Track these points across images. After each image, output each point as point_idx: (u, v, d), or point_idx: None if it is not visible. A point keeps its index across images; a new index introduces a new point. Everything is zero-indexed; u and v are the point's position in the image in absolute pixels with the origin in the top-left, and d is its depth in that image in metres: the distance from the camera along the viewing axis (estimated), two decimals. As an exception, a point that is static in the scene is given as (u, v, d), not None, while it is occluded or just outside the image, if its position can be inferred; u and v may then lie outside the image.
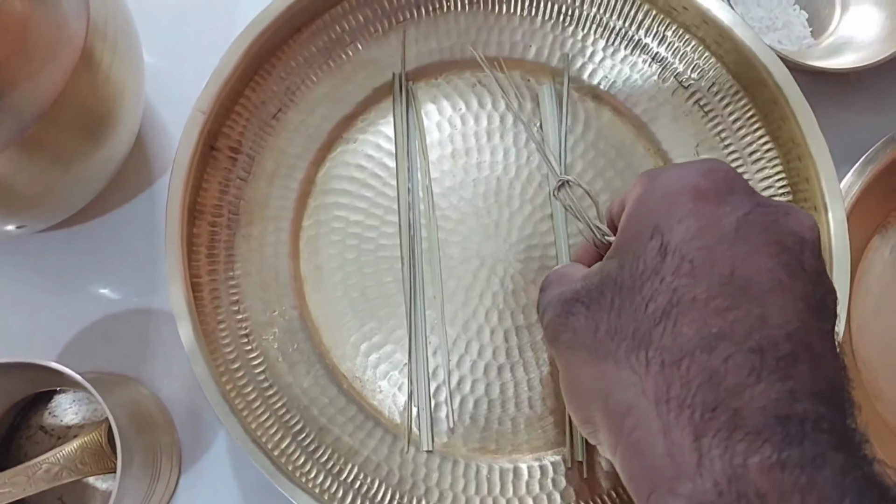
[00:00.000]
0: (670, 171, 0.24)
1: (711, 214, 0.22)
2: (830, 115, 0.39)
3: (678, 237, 0.22)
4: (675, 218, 0.22)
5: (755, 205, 0.22)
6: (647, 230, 0.23)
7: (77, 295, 0.42)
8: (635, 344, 0.21)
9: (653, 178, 0.25)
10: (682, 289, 0.21)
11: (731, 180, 0.23)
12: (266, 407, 0.37)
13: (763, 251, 0.21)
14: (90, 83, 0.32)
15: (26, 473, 0.34)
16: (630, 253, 0.23)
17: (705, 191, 0.23)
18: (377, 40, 0.41)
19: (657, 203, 0.23)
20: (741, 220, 0.22)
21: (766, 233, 0.22)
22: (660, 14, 0.41)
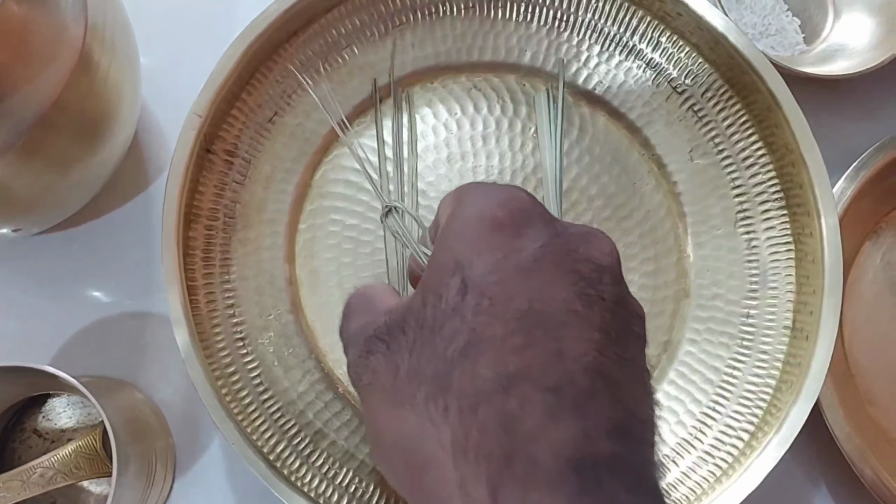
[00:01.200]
0: (473, 195, 0.23)
1: (508, 247, 0.21)
2: (823, 121, 0.40)
3: (477, 272, 0.21)
4: (475, 251, 0.21)
5: (553, 235, 0.22)
6: (449, 265, 0.21)
7: (72, 298, 0.42)
8: (434, 389, 0.20)
9: (459, 201, 0.23)
10: (480, 327, 0.20)
11: (528, 210, 0.22)
12: (261, 411, 0.37)
13: (559, 282, 0.20)
14: (88, 86, 0.32)
15: (21, 478, 0.34)
16: (433, 289, 0.21)
17: (502, 222, 0.22)
18: (373, 44, 0.41)
19: (458, 233, 0.22)
20: (538, 252, 0.21)
21: (562, 263, 0.21)
22: (654, 20, 0.41)
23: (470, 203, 0.23)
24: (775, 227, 0.40)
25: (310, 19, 0.40)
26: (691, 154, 0.41)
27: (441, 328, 0.20)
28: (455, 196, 0.24)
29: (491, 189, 0.23)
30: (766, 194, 0.40)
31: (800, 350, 0.37)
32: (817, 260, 0.37)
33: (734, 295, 0.40)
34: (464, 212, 0.23)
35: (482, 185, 0.24)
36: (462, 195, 0.24)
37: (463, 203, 0.23)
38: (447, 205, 0.24)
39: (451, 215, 0.23)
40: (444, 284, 0.21)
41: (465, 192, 0.24)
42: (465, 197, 0.23)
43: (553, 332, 0.19)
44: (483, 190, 0.23)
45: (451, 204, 0.24)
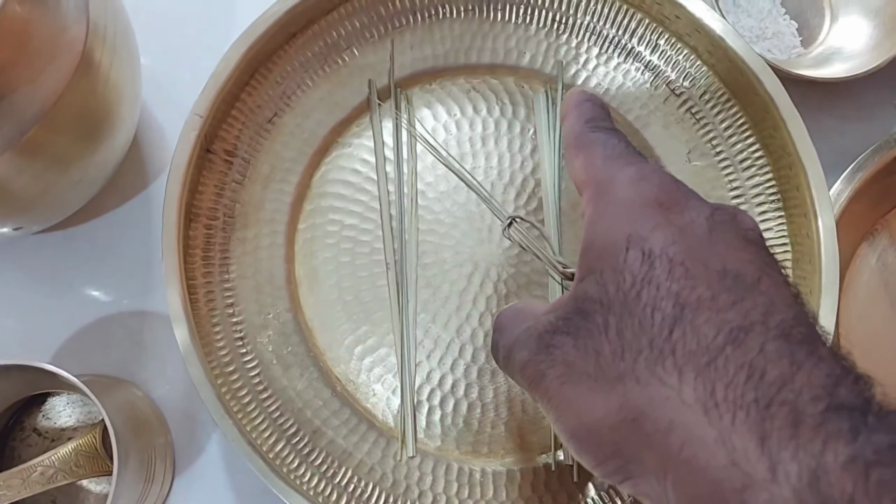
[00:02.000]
0: (618, 187, 0.24)
1: (679, 220, 0.22)
2: (820, 123, 0.40)
3: (659, 244, 0.21)
4: (647, 227, 0.22)
5: (713, 209, 0.23)
6: (618, 244, 0.22)
7: (71, 297, 0.42)
8: (655, 355, 0.20)
9: (601, 196, 0.24)
10: (684, 292, 0.20)
11: (681, 188, 0.24)
12: (260, 409, 0.37)
13: (738, 247, 0.22)
14: (89, 86, 0.32)
15: (21, 476, 0.34)
16: (606, 270, 0.22)
17: (663, 200, 0.23)
18: (372, 46, 0.42)
19: (619, 217, 0.23)
20: (710, 222, 0.22)
21: (732, 230, 0.22)
22: (652, 23, 0.42)
23: (622, 187, 0.24)
24: (772, 228, 0.40)
25: (309, 21, 0.40)
26: (689, 156, 0.41)
27: (637, 300, 0.21)
28: (594, 195, 0.25)
29: (637, 171, 0.24)
30: (763, 196, 0.40)
31: (796, 351, 0.37)
32: (814, 261, 0.38)
33: (731, 296, 0.40)
34: (617, 195, 0.24)
35: (625, 169, 0.24)
36: (600, 192, 0.24)
37: (612, 188, 0.24)
38: (587, 196, 0.25)
39: (598, 208, 0.24)
40: (620, 260, 0.22)
41: (603, 189, 0.24)
42: (606, 192, 0.24)
43: (755, 288, 0.20)
44: (629, 174, 0.24)
45: (588, 204, 0.24)
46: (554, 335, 0.23)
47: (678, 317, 0.20)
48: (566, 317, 0.23)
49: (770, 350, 0.19)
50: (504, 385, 0.39)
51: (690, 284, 0.20)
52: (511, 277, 0.40)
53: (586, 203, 0.25)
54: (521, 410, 0.39)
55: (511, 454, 0.38)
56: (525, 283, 0.40)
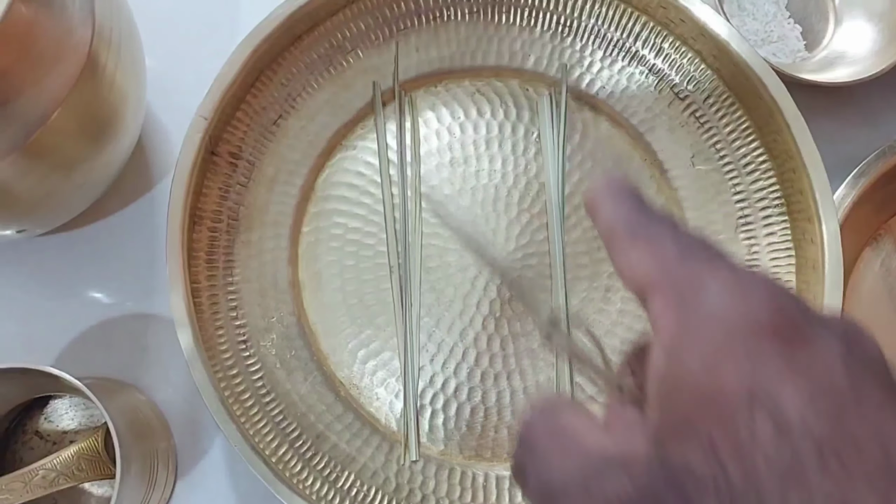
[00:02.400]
0: (712, 297, 0.18)
1: (811, 365, 0.17)
2: (824, 127, 0.40)
3: (796, 409, 0.16)
4: (773, 377, 0.16)
5: (842, 338, 0.17)
6: (734, 398, 0.16)
7: (74, 300, 0.42)
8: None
9: (687, 307, 0.18)
10: (849, 499, 0.15)
11: (799, 303, 0.18)
12: (263, 413, 0.37)
13: (884, 405, 0.17)
14: (94, 89, 0.32)
15: (23, 479, 0.34)
16: (718, 436, 0.16)
17: (785, 327, 0.17)
18: (377, 48, 0.42)
19: (724, 349, 0.17)
20: (846, 365, 0.17)
21: (870, 373, 0.17)
22: (657, 26, 0.42)
23: (718, 297, 0.18)
24: (776, 232, 0.40)
25: (314, 23, 0.40)
26: (693, 160, 0.41)
27: (780, 499, 0.16)
28: (674, 302, 0.18)
29: (734, 276, 0.18)
30: (767, 200, 0.40)
31: (800, 355, 0.37)
32: (818, 266, 0.38)
33: (735, 300, 0.40)
34: (713, 310, 0.18)
35: (716, 272, 0.18)
36: (687, 285, 0.18)
37: (702, 297, 0.18)
38: (659, 318, 0.19)
39: (684, 315, 0.18)
40: (740, 429, 0.16)
41: (692, 282, 0.18)
42: (699, 289, 0.18)
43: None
44: (725, 279, 0.18)
45: (667, 315, 0.18)
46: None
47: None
48: (653, 491, 0.17)
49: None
50: (507, 389, 0.39)
51: (853, 486, 0.15)
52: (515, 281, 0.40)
53: (660, 312, 0.19)
54: (525, 414, 0.39)
55: (515, 458, 0.38)
56: (528, 288, 0.40)
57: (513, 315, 0.40)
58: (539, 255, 0.40)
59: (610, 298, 0.40)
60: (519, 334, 0.39)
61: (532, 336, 0.39)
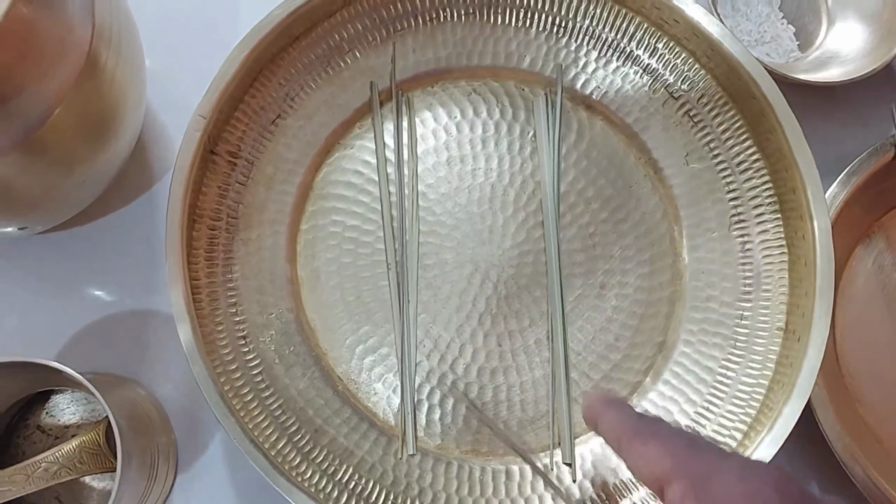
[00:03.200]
0: (726, 483, 0.20)
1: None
2: (816, 127, 0.40)
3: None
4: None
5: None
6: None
7: (75, 297, 0.42)
8: None
9: (704, 492, 0.20)
10: None
11: (801, 491, 0.20)
12: (263, 408, 0.37)
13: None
14: (94, 88, 0.32)
15: (25, 472, 0.34)
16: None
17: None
18: (375, 49, 0.42)
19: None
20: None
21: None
22: (651, 27, 0.42)
23: (730, 483, 0.20)
24: (769, 230, 0.41)
25: (312, 24, 0.41)
26: (687, 158, 0.42)
27: None
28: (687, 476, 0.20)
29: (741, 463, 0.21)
30: (760, 198, 0.41)
31: (792, 351, 0.38)
32: (810, 263, 0.38)
33: (728, 297, 0.40)
34: (727, 494, 0.20)
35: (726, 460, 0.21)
36: (702, 474, 0.20)
37: (715, 483, 0.20)
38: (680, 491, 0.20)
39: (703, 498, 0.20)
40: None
41: (706, 471, 0.20)
42: (712, 476, 0.20)
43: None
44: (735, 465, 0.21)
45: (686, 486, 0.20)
46: None
47: None
48: None
49: None
50: (504, 384, 0.39)
51: None
52: (511, 278, 0.40)
53: (680, 499, 0.21)
54: (521, 409, 0.39)
55: (510, 453, 0.38)
56: (525, 284, 0.40)
57: (509, 312, 0.40)
58: (535, 252, 0.41)
59: (605, 295, 0.41)
60: (515, 331, 0.40)
61: (528, 332, 0.40)
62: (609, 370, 0.40)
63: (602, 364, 0.40)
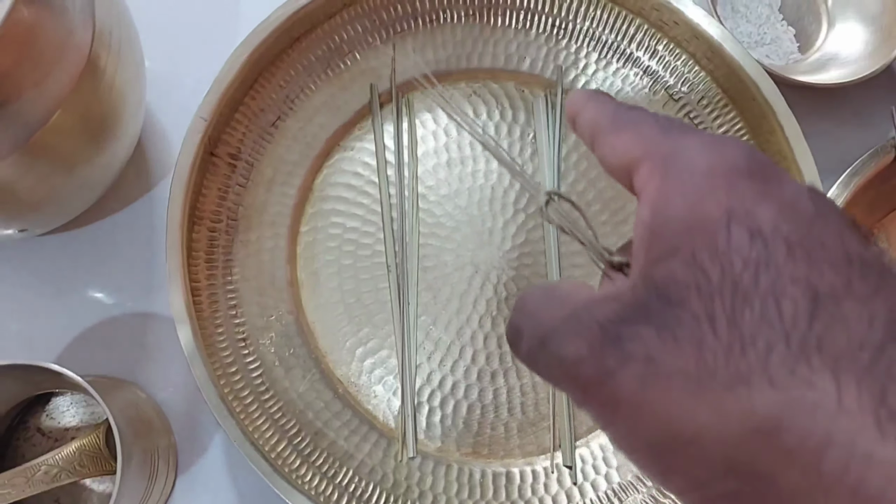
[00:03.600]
0: (693, 155, 0.20)
1: (780, 194, 0.19)
2: (816, 128, 0.40)
3: (769, 220, 0.18)
4: (749, 200, 0.18)
5: (806, 185, 0.20)
6: (713, 219, 0.18)
7: (75, 298, 0.42)
8: (794, 351, 0.16)
9: (671, 166, 0.20)
10: (813, 276, 0.17)
11: (766, 159, 0.20)
12: (262, 411, 0.37)
13: (847, 226, 0.19)
14: (94, 90, 0.32)
15: (25, 475, 0.34)
16: (700, 250, 0.18)
17: (758, 171, 0.19)
18: (375, 50, 0.42)
19: (704, 188, 0.19)
20: (812, 200, 0.19)
21: (833, 211, 0.19)
22: (651, 29, 0.42)
23: (698, 154, 0.20)
24: (769, 232, 0.40)
25: (312, 25, 0.41)
26: (687, 160, 0.42)
27: (755, 286, 0.17)
28: (658, 161, 0.20)
29: (710, 137, 0.21)
30: (760, 200, 0.41)
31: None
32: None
33: (728, 299, 0.40)
34: (694, 163, 0.20)
35: (694, 136, 0.21)
36: (666, 156, 0.20)
37: (684, 157, 0.20)
38: (647, 178, 0.20)
39: (668, 173, 0.20)
40: (719, 240, 0.18)
41: (674, 148, 0.20)
42: (681, 152, 0.20)
43: (889, 276, 0.17)
44: (702, 139, 0.20)
45: (654, 173, 0.20)
46: (624, 325, 0.18)
47: (815, 311, 0.17)
48: (640, 304, 0.18)
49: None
50: (504, 387, 0.39)
51: (818, 269, 0.17)
52: (511, 280, 0.40)
53: (646, 179, 0.21)
54: (521, 412, 0.39)
55: (511, 455, 0.38)
56: (525, 286, 0.40)
57: (509, 313, 0.40)
58: (535, 254, 0.41)
59: (605, 297, 0.41)
60: (515, 333, 0.40)
61: (528, 334, 0.40)
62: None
63: (602, 366, 0.40)
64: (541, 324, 0.20)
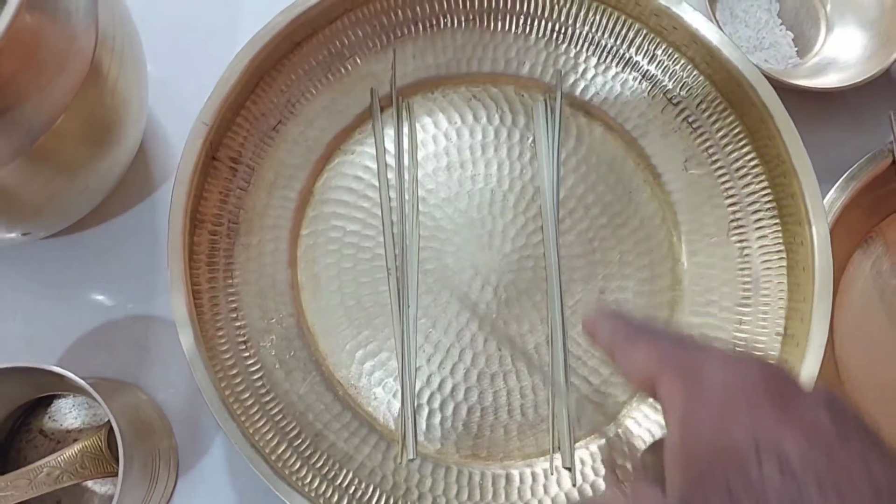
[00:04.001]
0: (712, 371, 0.21)
1: (802, 418, 0.19)
2: (815, 132, 0.40)
3: (796, 451, 0.18)
4: (773, 427, 0.19)
5: (825, 400, 0.20)
6: (743, 447, 0.18)
7: (77, 301, 0.43)
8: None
9: (692, 382, 0.21)
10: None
11: (784, 372, 0.21)
12: (263, 413, 0.37)
13: (868, 445, 0.19)
14: (97, 96, 0.33)
15: (28, 477, 0.35)
16: (734, 480, 0.18)
17: (776, 389, 0.20)
18: (375, 55, 0.42)
19: (728, 410, 0.19)
20: (829, 412, 0.19)
21: (853, 424, 0.20)
22: (650, 33, 0.42)
23: (717, 370, 0.21)
24: (767, 235, 0.41)
25: (313, 30, 0.41)
26: (686, 164, 0.42)
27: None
28: (675, 370, 0.21)
29: (724, 353, 0.21)
30: (758, 204, 0.41)
31: (791, 356, 0.38)
32: (808, 268, 0.38)
33: (727, 302, 0.41)
34: (715, 380, 0.20)
35: (711, 351, 0.21)
36: (689, 366, 0.21)
37: (703, 372, 0.21)
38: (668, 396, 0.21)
39: (690, 389, 0.20)
40: (751, 471, 0.18)
41: (693, 362, 0.21)
42: (700, 366, 0.21)
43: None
44: (719, 355, 0.21)
45: (676, 391, 0.21)
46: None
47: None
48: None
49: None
50: (503, 389, 0.39)
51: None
52: (511, 283, 0.41)
53: (668, 388, 0.21)
54: (521, 414, 0.39)
55: (510, 457, 0.39)
56: (525, 289, 0.41)
57: (509, 316, 0.40)
58: (535, 257, 0.41)
59: (604, 300, 0.41)
60: (515, 335, 0.40)
61: (527, 337, 0.40)
62: (609, 374, 0.40)
63: (602, 368, 0.40)
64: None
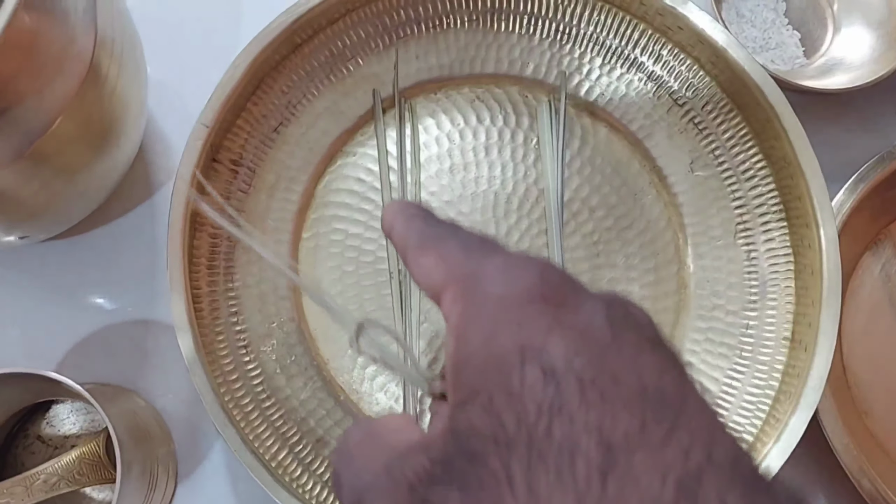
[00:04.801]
0: (489, 280, 0.19)
1: (576, 321, 0.18)
2: (822, 134, 0.40)
3: (561, 356, 0.17)
4: (541, 333, 0.17)
5: (607, 302, 0.19)
6: (508, 358, 0.17)
7: (76, 305, 0.42)
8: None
9: (469, 294, 0.19)
10: (606, 423, 0.16)
11: (567, 277, 0.19)
12: (263, 418, 0.37)
13: (646, 349, 0.18)
14: (96, 98, 0.32)
15: (24, 483, 0.34)
16: (496, 394, 0.17)
17: (552, 294, 0.18)
18: (377, 56, 0.42)
19: (499, 319, 0.18)
20: (609, 321, 0.18)
21: (633, 329, 0.18)
22: (655, 33, 0.42)
23: (493, 279, 0.19)
24: (775, 238, 0.40)
25: (315, 31, 0.40)
26: (692, 166, 0.42)
27: (548, 439, 0.16)
28: (459, 286, 0.20)
29: (506, 258, 0.20)
30: (765, 206, 0.41)
31: (798, 361, 0.37)
32: (816, 271, 0.38)
33: (734, 306, 0.40)
34: (490, 290, 0.19)
35: (491, 257, 0.20)
36: (469, 276, 0.20)
37: (481, 282, 0.19)
38: (451, 304, 0.20)
39: (467, 301, 0.19)
40: (514, 382, 0.17)
41: (473, 272, 0.20)
42: (478, 276, 0.20)
43: (683, 410, 0.17)
44: (498, 262, 0.20)
45: (457, 299, 0.20)
46: (431, 487, 0.17)
47: (608, 462, 0.16)
48: (446, 460, 0.17)
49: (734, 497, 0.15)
50: (507, 394, 0.39)
51: (611, 412, 0.16)
52: (514, 287, 0.40)
53: (450, 306, 0.20)
54: (524, 420, 0.39)
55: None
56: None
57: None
58: (538, 260, 0.41)
59: (609, 304, 0.40)
60: (518, 340, 0.40)
61: (531, 342, 0.40)
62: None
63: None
64: (358, 476, 0.20)
